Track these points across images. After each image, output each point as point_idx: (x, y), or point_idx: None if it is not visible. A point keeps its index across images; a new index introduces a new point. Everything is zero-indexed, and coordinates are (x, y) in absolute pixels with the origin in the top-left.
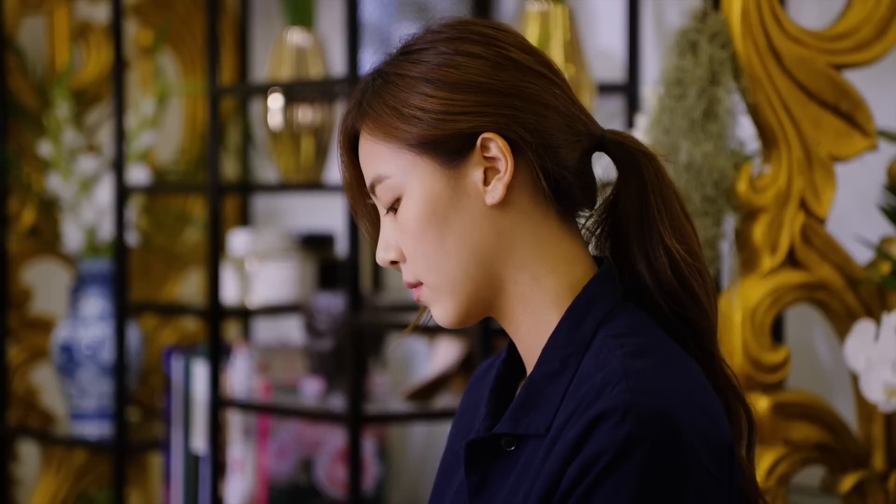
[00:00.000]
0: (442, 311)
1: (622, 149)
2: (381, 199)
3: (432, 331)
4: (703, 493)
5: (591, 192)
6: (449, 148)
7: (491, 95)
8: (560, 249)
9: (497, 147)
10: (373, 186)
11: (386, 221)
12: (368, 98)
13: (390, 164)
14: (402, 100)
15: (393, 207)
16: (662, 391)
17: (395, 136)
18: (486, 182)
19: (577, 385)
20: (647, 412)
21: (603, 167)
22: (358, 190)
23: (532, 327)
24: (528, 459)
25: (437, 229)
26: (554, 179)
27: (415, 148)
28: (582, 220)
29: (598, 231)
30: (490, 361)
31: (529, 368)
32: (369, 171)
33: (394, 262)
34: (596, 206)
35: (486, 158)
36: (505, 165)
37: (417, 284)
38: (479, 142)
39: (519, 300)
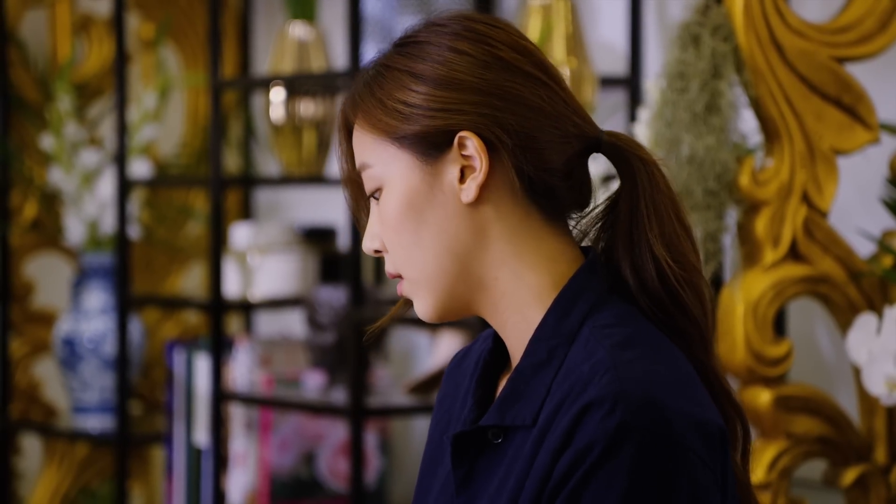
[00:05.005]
0: (421, 305)
1: (618, 151)
2: (367, 186)
3: (433, 324)
4: (695, 479)
5: (580, 195)
6: (427, 143)
7: (472, 94)
8: (542, 247)
9: (473, 146)
10: (358, 174)
11: (373, 210)
12: (360, 88)
13: (373, 155)
14: (386, 92)
15: (375, 196)
16: (650, 379)
17: (378, 127)
18: (461, 180)
19: (563, 376)
20: (636, 401)
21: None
22: (353, 180)
23: (519, 323)
24: (515, 452)
25: (413, 223)
26: (534, 180)
27: (396, 141)
28: (575, 221)
29: (592, 232)
30: (466, 348)
31: (516, 362)
32: (357, 156)
33: (378, 252)
34: (591, 208)
35: (463, 156)
36: (480, 165)
37: (399, 276)
38: (456, 140)
39: (501, 297)
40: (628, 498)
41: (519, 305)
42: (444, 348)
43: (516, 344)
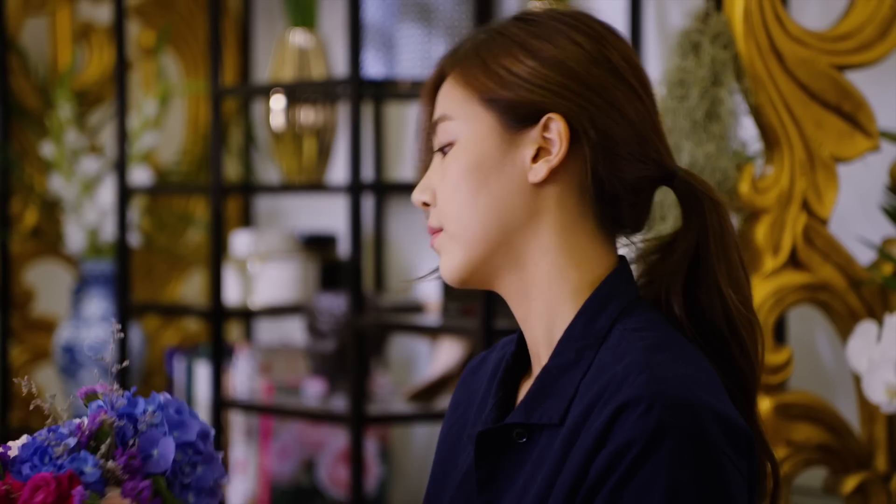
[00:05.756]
0: (449, 262)
1: (690, 190)
2: (438, 138)
3: (434, 331)
4: (727, 479)
5: (639, 217)
6: (515, 114)
7: (575, 82)
8: (589, 248)
9: (557, 130)
10: (436, 122)
11: (434, 162)
12: (467, 47)
13: (458, 108)
14: (493, 55)
15: (444, 150)
16: (684, 381)
17: (472, 84)
18: (535, 159)
19: (593, 377)
20: (672, 401)
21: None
22: (429, 135)
23: (544, 315)
24: (542, 451)
25: (474, 184)
26: (604, 183)
27: (485, 101)
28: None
29: (642, 260)
30: (482, 356)
31: (534, 359)
32: (439, 108)
33: (426, 205)
34: (643, 236)
35: (544, 138)
36: (558, 150)
37: (438, 230)
38: (543, 119)
39: (534, 284)
40: (669, 496)
41: (551, 298)
42: (443, 356)
43: (537, 338)
